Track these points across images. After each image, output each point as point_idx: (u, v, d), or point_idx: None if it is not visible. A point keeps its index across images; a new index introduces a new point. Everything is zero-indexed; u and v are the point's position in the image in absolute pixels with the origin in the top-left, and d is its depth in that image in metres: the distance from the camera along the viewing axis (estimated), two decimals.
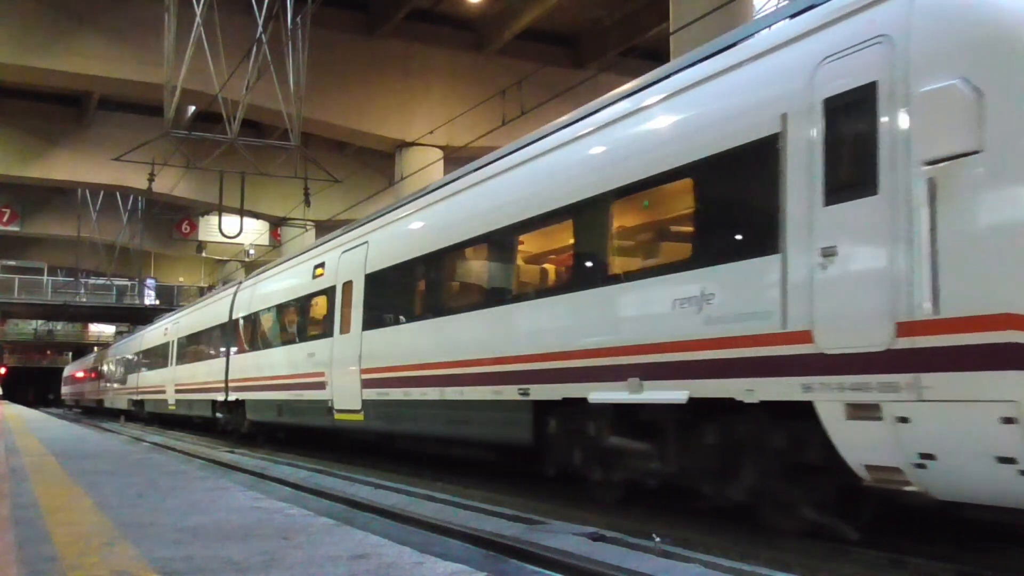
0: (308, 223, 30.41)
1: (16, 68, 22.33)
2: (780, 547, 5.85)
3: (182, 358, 23.44)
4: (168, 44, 19.25)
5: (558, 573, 5.35)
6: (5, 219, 42.00)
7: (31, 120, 31.33)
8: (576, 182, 7.85)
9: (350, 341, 12.09)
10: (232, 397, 17.79)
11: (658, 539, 5.87)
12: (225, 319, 18.97)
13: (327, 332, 13.02)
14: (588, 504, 7.90)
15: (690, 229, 6.67)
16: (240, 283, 19.53)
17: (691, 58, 7.10)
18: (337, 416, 12.46)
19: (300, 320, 14.68)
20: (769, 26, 6.45)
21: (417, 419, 10.42)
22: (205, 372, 20.18)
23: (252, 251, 41.04)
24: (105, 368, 40.16)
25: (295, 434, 16.72)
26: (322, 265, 13.78)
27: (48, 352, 72.31)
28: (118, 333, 56.07)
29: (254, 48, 19.09)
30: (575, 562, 5.38)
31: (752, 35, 6.57)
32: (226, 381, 18.10)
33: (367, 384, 11.44)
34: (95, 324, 64.19)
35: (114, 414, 37.91)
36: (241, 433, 17.85)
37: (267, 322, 16.58)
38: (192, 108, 27.64)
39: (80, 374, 51.10)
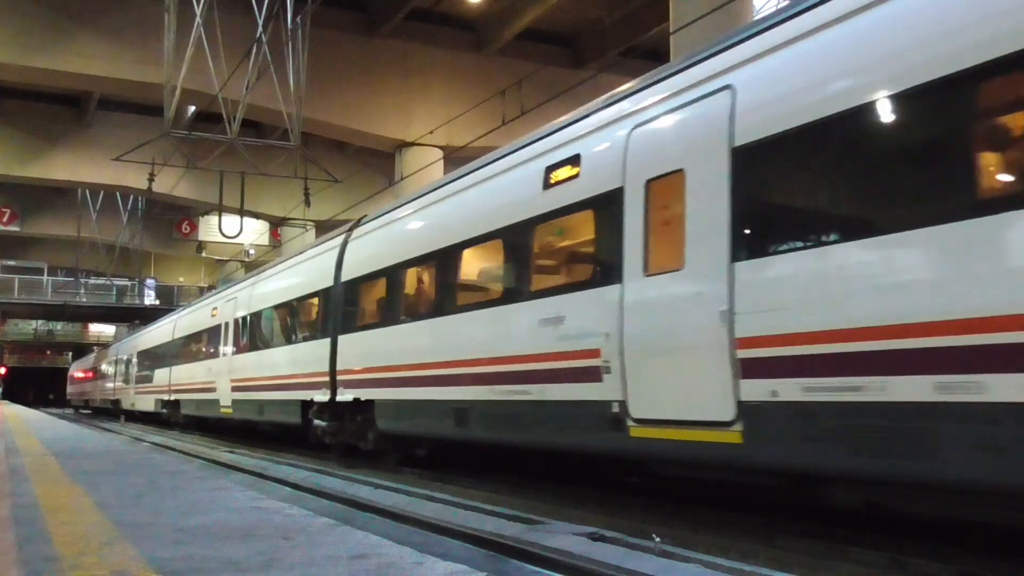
0: (308, 223, 30.53)
1: (16, 68, 22.36)
2: (780, 547, 5.85)
3: (245, 344, 17.59)
4: (168, 44, 19.28)
5: (558, 573, 5.34)
6: (5, 219, 42.06)
7: (31, 120, 31.40)
8: None
9: (683, 287, 6.33)
10: (345, 396, 12.22)
11: (658, 539, 5.86)
12: (328, 283, 13.45)
13: (601, 278, 7.27)
14: (588, 504, 7.90)
15: None
16: (351, 229, 13.61)
17: None
18: (636, 432, 6.70)
19: (512, 266, 8.80)
20: None
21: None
22: (290, 361, 14.71)
23: (252, 251, 41.09)
24: (121, 363, 34.43)
25: (446, 453, 11.39)
26: (571, 161, 7.87)
27: (48, 352, 72.38)
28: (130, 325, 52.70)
29: (254, 48, 19.11)
30: (575, 562, 5.37)
31: None
32: (332, 372, 12.75)
33: (753, 370, 5.68)
34: (95, 324, 64.25)
35: (115, 414, 37.47)
36: (362, 450, 12.51)
37: (422, 278, 10.87)
38: (192, 108, 27.69)
39: (89, 372, 47.17)
